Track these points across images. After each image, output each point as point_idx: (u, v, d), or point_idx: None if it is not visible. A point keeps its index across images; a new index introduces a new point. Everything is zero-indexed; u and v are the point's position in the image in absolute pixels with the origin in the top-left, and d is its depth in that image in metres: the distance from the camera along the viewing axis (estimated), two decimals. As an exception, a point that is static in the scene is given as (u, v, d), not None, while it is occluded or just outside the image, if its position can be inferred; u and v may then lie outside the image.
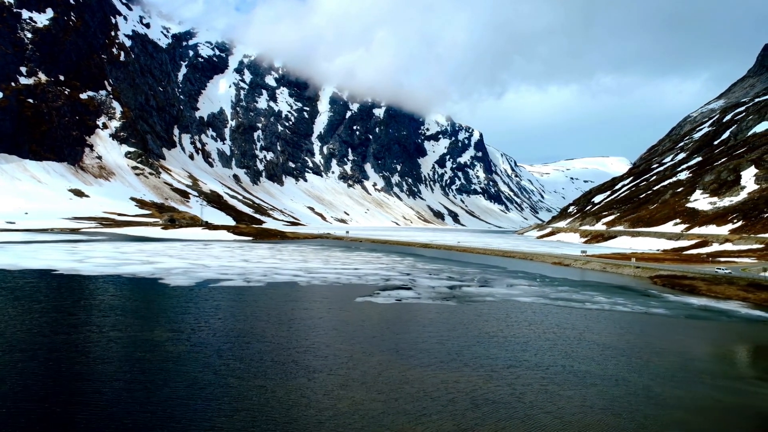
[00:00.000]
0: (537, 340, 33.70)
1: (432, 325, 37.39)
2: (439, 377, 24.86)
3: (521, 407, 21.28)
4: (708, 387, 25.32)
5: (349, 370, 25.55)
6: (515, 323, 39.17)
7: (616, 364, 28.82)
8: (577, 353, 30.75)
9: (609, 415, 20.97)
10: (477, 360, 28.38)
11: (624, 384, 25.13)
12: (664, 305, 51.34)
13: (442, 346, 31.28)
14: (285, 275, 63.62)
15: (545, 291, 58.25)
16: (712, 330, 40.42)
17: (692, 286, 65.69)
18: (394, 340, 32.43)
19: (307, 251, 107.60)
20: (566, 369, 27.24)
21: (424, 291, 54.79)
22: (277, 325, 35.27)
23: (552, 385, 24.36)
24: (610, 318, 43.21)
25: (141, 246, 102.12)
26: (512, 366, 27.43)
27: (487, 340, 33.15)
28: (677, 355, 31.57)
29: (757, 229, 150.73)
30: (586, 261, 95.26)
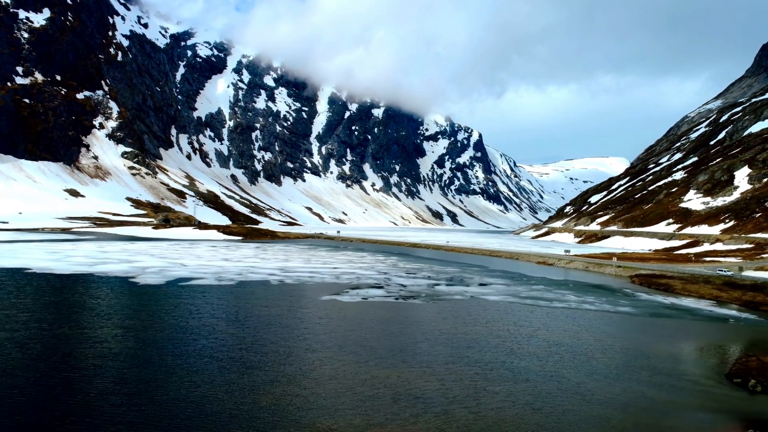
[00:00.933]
0: (487, 338, 33.74)
1: (388, 323, 37.45)
2: (372, 373, 24.91)
3: (441, 402, 21.32)
4: (643, 384, 25.34)
5: (283, 366, 25.62)
6: (472, 321, 39.20)
7: (558, 360, 28.85)
8: (522, 350, 30.78)
9: (528, 409, 21.01)
10: (417, 357, 28.44)
11: (557, 380, 25.16)
12: (633, 303, 51.34)
13: (390, 343, 31.34)
14: (260, 274, 63.70)
15: (518, 290, 58.26)
16: (670, 328, 40.40)
17: (668, 285, 65.68)
18: (342, 337, 32.49)
19: (292, 251, 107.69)
20: (505, 365, 27.29)
21: (395, 289, 54.84)
22: (230, 323, 35.36)
23: (483, 381, 24.40)
24: (572, 316, 43.21)
25: (126, 245, 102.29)
26: (451, 362, 27.47)
27: (436, 338, 33.19)
28: (624, 352, 31.59)
29: (748, 228, 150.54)
30: (570, 260, 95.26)
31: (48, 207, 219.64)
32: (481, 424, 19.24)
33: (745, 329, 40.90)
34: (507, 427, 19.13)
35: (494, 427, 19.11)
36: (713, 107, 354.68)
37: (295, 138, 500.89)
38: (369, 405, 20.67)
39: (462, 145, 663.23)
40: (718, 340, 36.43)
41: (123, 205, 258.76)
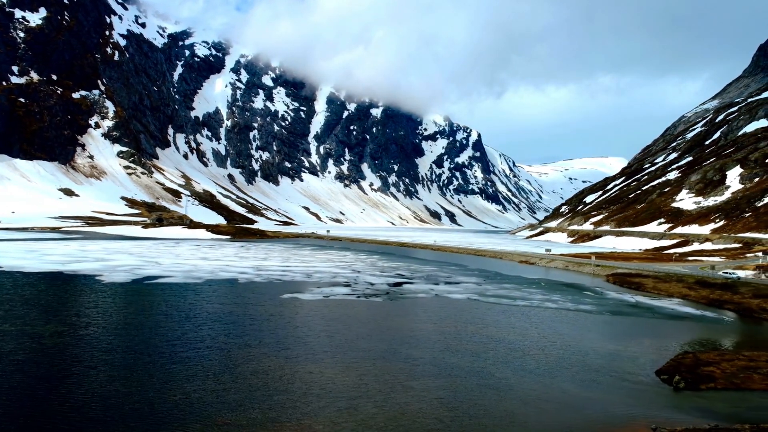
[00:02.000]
0: (430, 335, 33.80)
1: (335, 321, 37.51)
2: (295, 369, 24.98)
3: (350, 397, 21.39)
4: (567, 380, 25.38)
5: (209, 361, 25.70)
6: (423, 319, 39.27)
7: (491, 357, 28.89)
8: (460, 347, 30.83)
9: (435, 404, 21.08)
10: (349, 353, 28.51)
11: (481, 376, 25.20)
12: (597, 302, 51.33)
13: (328, 340, 31.42)
14: (231, 273, 63.80)
15: (486, 288, 58.28)
16: (622, 326, 40.42)
17: (640, 283, 65.67)
18: (283, 334, 32.57)
19: (275, 250, 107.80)
20: (434, 361, 27.34)
21: (362, 288, 54.88)
22: (176, 319, 35.44)
23: (404, 376, 24.47)
24: (528, 314, 43.23)
25: (109, 244, 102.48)
26: (381, 358, 27.54)
27: (378, 334, 33.26)
28: (564, 349, 31.62)
29: (737, 228, 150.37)
30: (551, 260, 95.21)
31: (42, 206, 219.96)
32: (379, 418, 19.30)
33: (698, 327, 40.91)
34: (404, 421, 19.20)
35: (392, 421, 19.17)
36: (710, 107, 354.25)
37: (293, 138, 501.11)
38: (276, 399, 20.74)
39: (461, 145, 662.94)
40: (665, 337, 36.41)
41: (118, 204, 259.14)
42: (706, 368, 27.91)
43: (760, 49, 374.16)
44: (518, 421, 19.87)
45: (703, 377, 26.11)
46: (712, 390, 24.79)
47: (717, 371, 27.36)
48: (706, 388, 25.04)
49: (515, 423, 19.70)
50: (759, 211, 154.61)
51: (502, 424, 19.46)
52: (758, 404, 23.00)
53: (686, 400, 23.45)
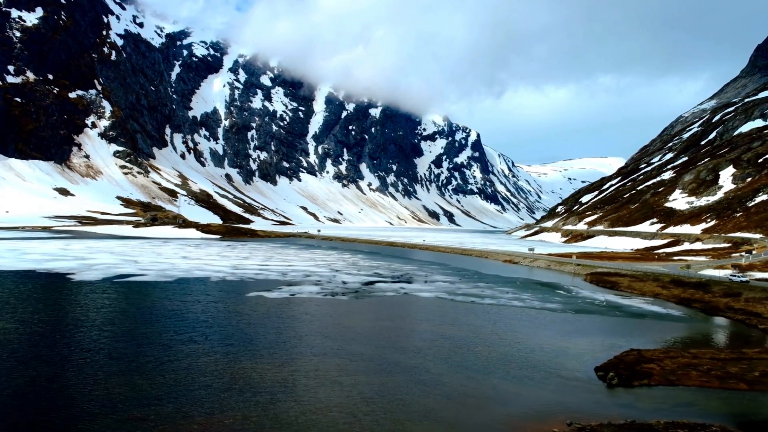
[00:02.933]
0: (381, 332, 33.88)
1: (292, 319, 37.60)
2: (231, 366, 25.07)
3: (273, 392, 21.47)
4: (502, 377, 25.43)
5: (148, 357, 25.81)
6: (380, 317, 39.35)
7: (433, 353, 28.94)
8: (405, 344, 30.91)
9: (357, 399, 21.14)
10: (292, 349, 28.60)
11: (415, 372, 25.26)
12: (566, 300, 51.33)
13: (276, 337, 31.51)
14: (207, 271, 63.90)
15: (459, 287, 58.31)
16: (580, 324, 40.44)
17: (616, 282, 65.70)
18: (232, 331, 32.66)
19: (261, 249, 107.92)
20: (373, 358, 27.42)
21: (332, 286, 54.93)
22: (131, 317, 35.55)
23: (336, 372, 24.55)
24: (490, 312, 43.27)
25: (95, 243, 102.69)
26: (322, 355, 27.62)
27: (328, 332, 33.34)
28: (511, 346, 31.66)
29: (728, 228, 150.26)
30: (534, 259, 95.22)
31: (37, 206, 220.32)
32: (292, 413, 19.39)
33: (658, 325, 40.93)
34: (316, 415, 19.25)
35: (304, 415, 19.24)
36: (707, 107, 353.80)
37: (292, 138, 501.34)
38: (196, 394, 20.82)
39: (460, 145, 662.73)
40: (621, 335, 36.39)
41: (113, 204, 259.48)
42: (646, 365, 27.93)
43: (758, 50, 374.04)
44: (433, 417, 19.93)
45: (638, 374, 26.14)
46: (645, 386, 24.81)
47: (656, 368, 27.38)
48: (639, 384, 25.06)
49: (429, 418, 19.76)
50: (750, 210, 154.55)
51: (414, 419, 19.52)
52: (684, 400, 23.04)
53: (615, 396, 23.49)
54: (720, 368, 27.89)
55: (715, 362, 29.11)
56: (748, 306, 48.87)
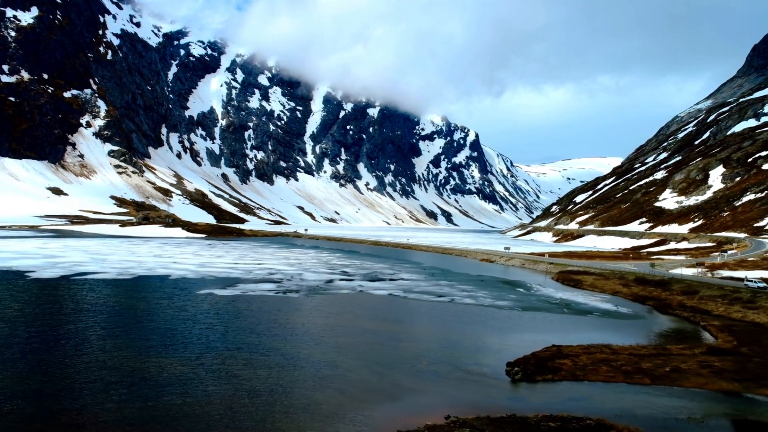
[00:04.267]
0: (310, 328, 33.99)
1: (228, 315, 37.73)
2: (134, 360, 25.19)
3: (159, 386, 21.58)
4: (406, 372, 25.50)
5: (50, 352, 25.89)
6: (318, 314, 39.49)
7: (349, 349, 29.06)
8: (326, 339, 31.06)
9: (246, 392, 21.24)
10: (205, 345, 28.74)
11: (322, 366, 25.39)
12: (520, 298, 51.34)
13: (204, 332, 31.67)
14: (171, 269, 64.09)
15: (420, 285, 58.37)
16: (521, 320, 40.45)
17: (579, 280, 65.73)
18: (158, 327, 32.80)
19: (240, 248, 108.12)
20: (287, 353, 27.60)
21: (291, 284, 55.04)
22: (64, 314, 35.71)
23: (240, 366, 24.67)
24: (436, 309, 43.39)
25: (75, 242, 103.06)
26: (234, 349, 27.74)
27: (255, 329, 33.46)
28: (435, 342, 31.73)
29: (714, 227, 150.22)
30: (510, 258, 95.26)
31: (29, 205, 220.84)
32: (172, 404, 19.52)
33: (598, 321, 40.96)
34: (193, 409, 19.35)
35: (184, 406, 19.39)
36: (703, 107, 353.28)
37: (289, 137, 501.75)
38: (81, 388, 20.93)
39: (458, 145, 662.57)
40: (554, 331, 36.39)
41: (107, 203, 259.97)
42: (560, 360, 27.97)
43: (754, 50, 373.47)
44: (312, 410, 20.01)
45: (546, 369, 26.17)
46: (548, 382, 24.86)
47: (568, 364, 27.42)
48: (543, 379, 25.10)
49: (307, 411, 19.85)
50: (736, 210, 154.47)
51: (291, 412, 19.62)
52: (580, 395, 23.11)
53: (512, 391, 23.55)
54: (634, 364, 27.92)
55: (632, 358, 29.15)
56: (699, 304, 48.89)
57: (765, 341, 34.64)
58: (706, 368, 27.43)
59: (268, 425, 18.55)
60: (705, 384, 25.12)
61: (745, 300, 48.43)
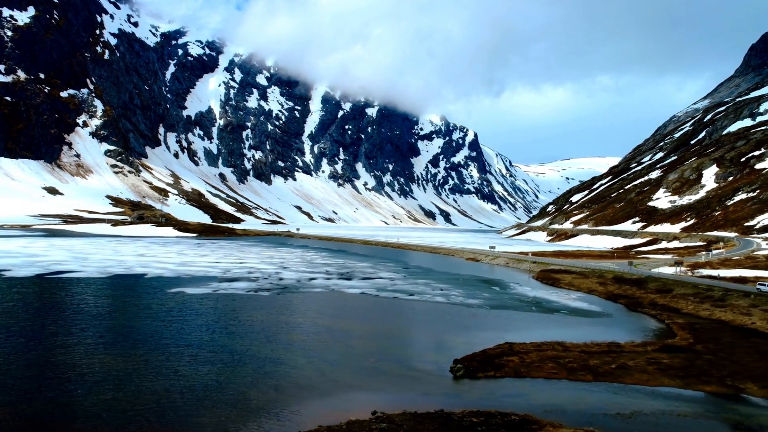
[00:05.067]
0: (267, 326, 34.06)
1: (190, 313, 37.84)
2: (81, 356, 25.24)
3: (95, 381, 21.66)
4: (351, 369, 25.58)
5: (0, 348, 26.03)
6: (282, 312, 39.55)
7: (301, 347, 29.08)
8: (281, 337, 31.13)
9: (179, 388, 21.30)
10: (156, 342, 28.84)
11: (266, 363, 25.46)
12: (494, 297, 51.35)
13: (158, 330, 31.74)
14: (150, 268, 64.18)
15: (395, 283, 58.42)
16: (486, 318, 40.46)
17: (559, 279, 65.77)
18: (114, 325, 32.93)
19: (227, 247, 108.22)
20: (236, 350, 27.70)
21: (266, 283, 55.11)
22: (25, 312, 35.78)
23: (185, 362, 24.75)
24: (401, 307, 43.44)
25: (62, 241, 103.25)
26: (184, 346, 27.83)
27: (212, 326, 33.57)
28: (391, 339, 31.80)
29: (706, 227, 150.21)
30: (495, 257, 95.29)
31: (24, 205, 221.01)
32: (100, 399, 19.64)
33: (565, 319, 40.99)
34: (121, 404, 19.43)
35: (111, 402, 19.48)
36: (700, 107, 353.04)
37: (287, 137, 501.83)
38: (8, 387, 21.00)
39: (457, 145, 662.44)
40: (516, 329, 36.42)
41: (102, 203, 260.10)
42: (508, 357, 28.01)
43: (752, 49, 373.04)
44: (241, 405, 20.09)
45: (490, 366, 26.21)
46: (490, 378, 24.91)
47: (515, 361, 27.46)
48: (484, 376, 25.14)
49: (237, 407, 19.91)
50: (728, 209, 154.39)
51: (220, 406, 19.69)
52: (516, 391, 23.17)
53: (450, 387, 23.60)
54: (582, 361, 27.96)
55: (582, 355, 29.19)
56: (671, 302, 48.92)
57: (723, 339, 34.68)
58: (653, 365, 27.47)
59: (191, 419, 18.63)
60: (646, 381, 25.17)
61: (716, 298, 48.45)
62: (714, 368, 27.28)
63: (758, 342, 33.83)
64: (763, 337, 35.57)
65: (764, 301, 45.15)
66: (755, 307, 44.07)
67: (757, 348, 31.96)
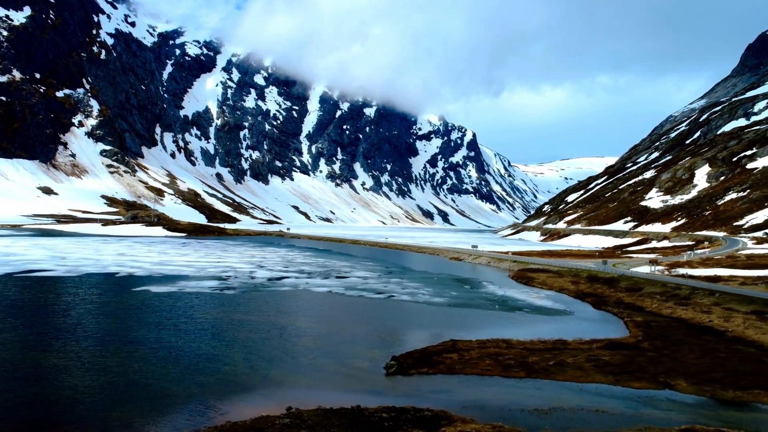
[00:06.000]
0: (216, 323, 34.16)
1: (144, 311, 37.92)
2: (7, 353, 25.31)
3: (19, 378, 21.71)
4: (283, 365, 25.62)
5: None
6: (239, 310, 39.64)
7: (240, 344, 29.13)
8: (225, 335, 31.21)
9: (100, 383, 21.36)
10: (97, 338, 28.90)
11: (198, 359, 25.47)
12: (461, 295, 51.37)
13: (114, 328, 31.87)
14: (125, 267, 64.32)
15: (367, 282, 58.46)
16: (443, 316, 40.49)
17: (532, 278, 65.80)
18: (61, 321, 33.00)
19: (212, 247, 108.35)
20: (173, 346, 27.71)
21: (236, 282, 55.16)
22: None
23: (118, 358, 24.77)
24: (363, 305, 43.52)
25: (45, 241, 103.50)
26: (127, 343, 27.89)
27: (161, 322, 33.61)
28: (337, 336, 31.82)
29: (696, 226, 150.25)
30: (478, 256, 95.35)
31: (18, 205, 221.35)
32: (15, 394, 19.67)
33: (521, 317, 41.03)
34: (41, 397, 19.51)
35: (29, 396, 19.51)
36: (696, 107, 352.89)
37: (285, 137, 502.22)
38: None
39: (455, 145, 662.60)
40: (471, 327, 36.39)
41: (97, 203, 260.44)
42: (448, 354, 28.02)
43: (749, 49, 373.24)
44: (158, 401, 20.13)
45: (425, 363, 26.21)
46: (423, 375, 24.90)
47: (454, 357, 27.47)
48: (417, 373, 25.14)
49: (153, 401, 19.96)
50: (718, 209, 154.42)
51: (137, 400, 19.75)
52: (443, 387, 23.21)
53: (378, 384, 23.62)
54: (521, 358, 27.96)
55: (523, 352, 29.19)
56: (637, 300, 48.92)
57: (674, 336, 34.65)
58: (592, 362, 27.47)
59: (101, 414, 18.67)
60: (579, 377, 25.16)
61: (682, 297, 48.45)
62: (652, 365, 27.27)
63: (708, 339, 33.81)
64: (715, 334, 35.55)
65: (727, 300, 45.19)
66: (717, 305, 44.10)
67: (704, 345, 31.93)
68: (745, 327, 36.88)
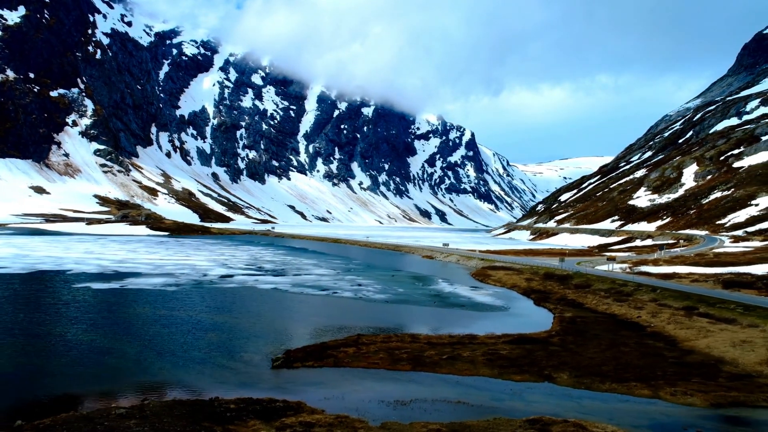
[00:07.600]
0: (142, 318, 34.26)
1: (73, 307, 38.06)
2: None
3: None
4: (174, 358, 25.68)
5: None
6: (173, 306, 39.74)
7: (151, 339, 29.21)
8: (147, 330, 31.35)
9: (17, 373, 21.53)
10: (9, 330, 29.00)
11: (105, 353, 25.59)
12: (406, 291, 51.38)
13: (26, 323, 31.93)
14: (82, 264, 64.55)
15: (321, 279, 58.55)
16: (374, 312, 40.53)
17: (490, 275, 65.79)
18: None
19: (188, 245, 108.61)
20: (83, 341, 27.86)
21: (185, 279, 55.25)
22: None
23: (24, 350, 24.93)
24: (300, 302, 43.64)
25: (19, 240, 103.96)
26: (37, 336, 28.01)
27: (83, 318, 33.76)
28: (244, 331, 31.88)
29: (680, 225, 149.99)
30: (448, 254, 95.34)
31: (9, 204, 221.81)
32: None
33: (454, 313, 41.08)
34: None
35: None
36: (692, 106, 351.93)
37: (282, 136, 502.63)
38: None
39: (454, 144, 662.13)
40: (391, 322, 36.44)
41: (89, 202, 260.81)
42: (345, 348, 28.06)
43: (745, 48, 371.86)
44: (29, 392, 20.23)
45: (314, 357, 26.25)
46: (307, 368, 24.93)
47: (348, 351, 27.49)
48: (302, 366, 25.17)
49: (29, 391, 20.04)
50: (702, 208, 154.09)
51: (12, 390, 19.89)
52: (320, 380, 23.22)
53: (257, 378, 23.65)
54: (418, 352, 27.97)
55: (424, 346, 29.22)
56: (580, 297, 48.87)
57: (591, 332, 34.59)
58: (487, 356, 27.45)
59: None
60: (464, 371, 25.16)
61: (625, 293, 48.37)
62: (547, 359, 27.26)
63: (626, 334, 33.77)
64: (636, 329, 35.55)
65: (666, 296, 45.13)
66: (654, 301, 44.04)
67: (615, 340, 31.89)
68: (668, 322, 36.85)
